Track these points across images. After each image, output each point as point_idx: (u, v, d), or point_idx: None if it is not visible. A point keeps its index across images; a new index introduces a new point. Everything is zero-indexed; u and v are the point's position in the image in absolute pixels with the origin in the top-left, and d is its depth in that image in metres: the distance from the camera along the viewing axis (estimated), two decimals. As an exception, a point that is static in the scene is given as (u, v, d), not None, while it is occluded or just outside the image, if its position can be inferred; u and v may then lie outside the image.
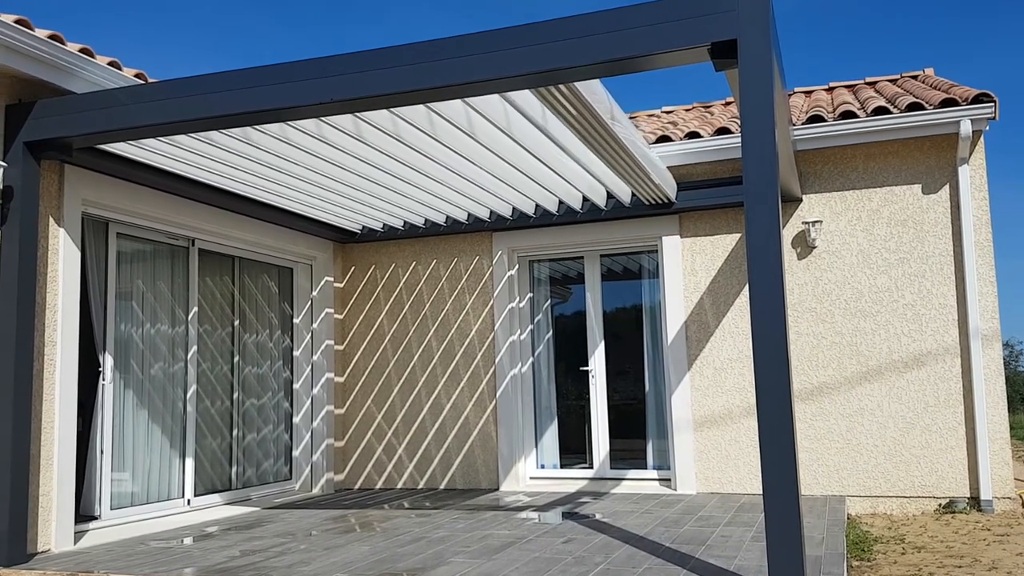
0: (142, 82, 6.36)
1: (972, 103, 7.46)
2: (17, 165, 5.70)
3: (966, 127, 7.42)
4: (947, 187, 7.78)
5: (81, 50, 6.03)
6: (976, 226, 7.64)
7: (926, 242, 7.80)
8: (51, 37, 5.80)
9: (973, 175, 7.69)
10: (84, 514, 6.79)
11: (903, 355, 7.79)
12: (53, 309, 6.05)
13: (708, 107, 10.50)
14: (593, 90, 5.48)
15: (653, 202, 8.30)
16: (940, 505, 7.57)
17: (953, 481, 7.56)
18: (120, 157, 6.48)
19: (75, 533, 6.37)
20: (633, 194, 8.27)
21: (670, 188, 8.07)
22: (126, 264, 7.23)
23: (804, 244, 8.12)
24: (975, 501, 7.47)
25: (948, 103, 7.55)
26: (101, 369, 6.95)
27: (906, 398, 7.75)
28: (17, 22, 5.58)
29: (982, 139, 7.70)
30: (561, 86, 5.11)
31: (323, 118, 5.86)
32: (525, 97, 5.67)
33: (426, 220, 9.17)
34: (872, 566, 5.56)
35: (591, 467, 8.96)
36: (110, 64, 6.23)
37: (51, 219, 6.09)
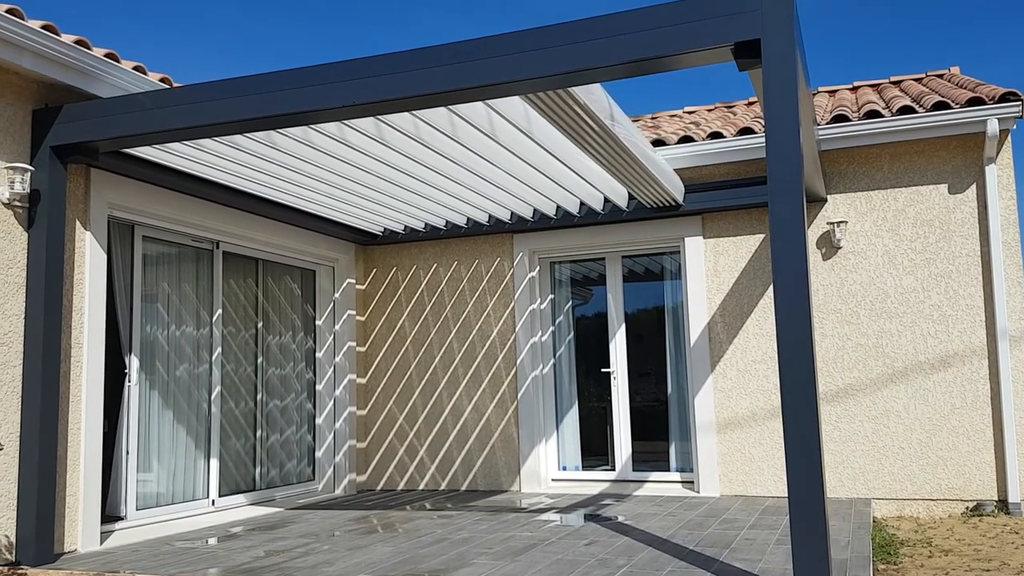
0: (167, 86, 6.40)
1: (999, 102, 7.37)
2: (44, 169, 5.76)
3: (993, 126, 7.34)
4: (974, 187, 7.70)
5: (107, 55, 6.09)
6: (1004, 226, 7.55)
7: (953, 242, 7.72)
8: (77, 42, 5.86)
9: (1000, 174, 7.60)
10: (110, 514, 6.85)
11: (929, 357, 7.71)
12: (79, 311, 6.11)
13: (731, 107, 10.44)
14: (590, 90, 5.42)
15: (658, 205, 8.27)
16: (967, 508, 7.48)
17: (981, 484, 7.47)
18: (145, 161, 6.53)
19: (101, 533, 6.43)
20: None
21: (677, 190, 8.00)
22: (151, 266, 7.30)
23: (829, 245, 8.06)
24: (1003, 504, 7.38)
25: (974, 102, 7.46)
26: (127, 371, 7.01)
27: (932, 400, 7.67)
28: (44, 28, 5.65)
29: (1009, 138, 7.61)
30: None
31: (345, 121, 5.88)
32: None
33: (447, 222, 9.18)
34: (899, 569, 5.50)
35: (613, 469, 8.94)
36: (135, 69, 6.29)
37: (77, 222, 6.15)
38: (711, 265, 8.41)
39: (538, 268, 9.26)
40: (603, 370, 9.07)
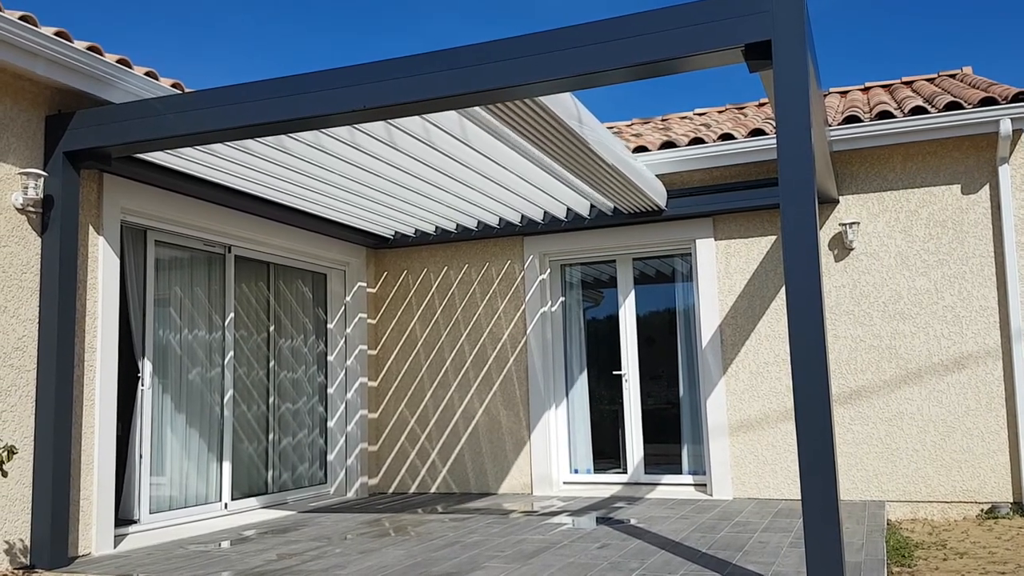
0: (179, 92, 6.44)
1: (1012, 101, 7.33)
2: (57, 175, 5.80)
3: (1006, 126, 7.30)
4: (987, 187, 7.66)
5: (119, 61, 6.12)
6: (1017, 226, 7.50)
7: (966, 243, 7.68)
8: (90, 48, 5.90)
9: (1014, 175, 7.56)
10: (123, 518, 6.88)
11: (943, 358, 7.66)
12: (93, 316, 6.14)
13: (741, 108, 10.42)
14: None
15: (638, 211, 8.25)
16: (982, 510, 7.43)
17: (996, 486, 7.42)
18: (158, 166, 6.57)
19: (115, 537, 6.46)
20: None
21: (658, 195, 7.94)
22: (164, 271, 7.33)
23: (841, 246, 8.03)
24: (1018, 506, 7.33)
25: (987, 102, 7.42)
26: (140, 375, 7.04)
27: (946, 401, 7.62)
28: (57, 34, 5.68)
29: (1022, 138, 7.56)
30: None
31: (356, 125, 5.90)
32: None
33: (458, 225, 9.19)
34: (913, 572, 5.47)
35: (625, 472, 8.92)
36: (147, 74, 6.32)
37: (91, 227, 6.19)
38: (722, 267, 8.39)
39: (549, 271, 9.25)
40: (615, 373, 9.06)
